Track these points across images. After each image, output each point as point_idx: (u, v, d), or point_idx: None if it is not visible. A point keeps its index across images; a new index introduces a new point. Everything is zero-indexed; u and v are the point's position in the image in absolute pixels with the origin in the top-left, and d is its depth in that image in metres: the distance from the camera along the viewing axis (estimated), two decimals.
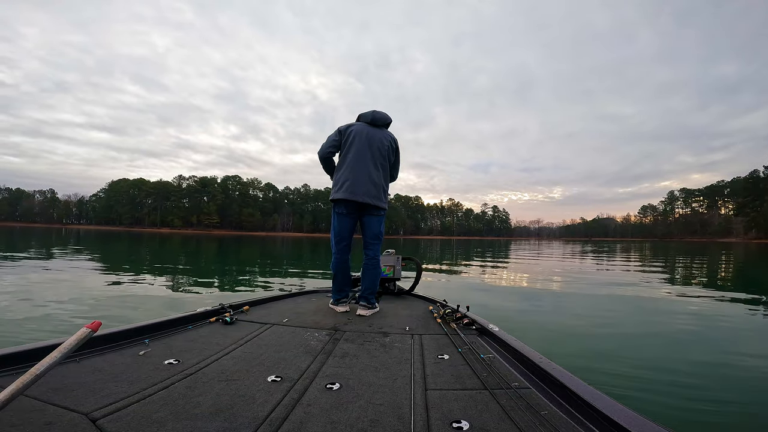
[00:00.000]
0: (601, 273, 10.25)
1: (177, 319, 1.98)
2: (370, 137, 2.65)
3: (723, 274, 10.75)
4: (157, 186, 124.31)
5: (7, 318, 3.62)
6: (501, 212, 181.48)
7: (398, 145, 2.82)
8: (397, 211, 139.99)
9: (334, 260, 2.71)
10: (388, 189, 2.79)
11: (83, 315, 3.89)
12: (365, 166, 2.59)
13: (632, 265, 12.99)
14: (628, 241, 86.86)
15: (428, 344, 1.87)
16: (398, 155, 2.83)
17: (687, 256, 19.25)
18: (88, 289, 5.40)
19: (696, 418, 2.03)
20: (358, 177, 2.58)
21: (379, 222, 2.72)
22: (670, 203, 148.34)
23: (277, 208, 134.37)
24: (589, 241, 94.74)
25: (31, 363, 1.07)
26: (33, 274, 6.89)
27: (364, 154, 2.61)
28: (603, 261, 15.43)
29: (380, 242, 2.74)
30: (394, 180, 2.89)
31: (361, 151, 2.62)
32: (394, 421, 1.08)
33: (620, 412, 0.99)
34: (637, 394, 2.31)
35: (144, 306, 4.45)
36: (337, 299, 2.70)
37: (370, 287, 2.59)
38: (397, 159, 2.83)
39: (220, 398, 1.19)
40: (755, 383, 2.53)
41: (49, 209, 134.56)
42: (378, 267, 2.70)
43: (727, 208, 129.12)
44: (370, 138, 2.65)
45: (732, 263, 15.13)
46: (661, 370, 2.73)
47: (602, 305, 5.31)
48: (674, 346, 3.38)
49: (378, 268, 2.69)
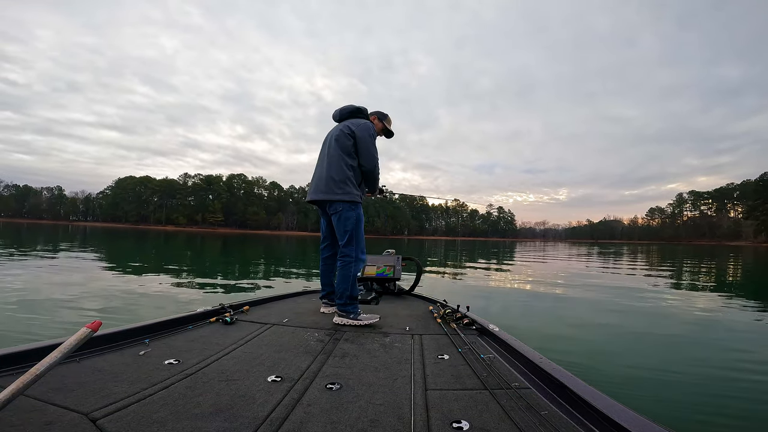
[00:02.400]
0: (605, 275, 10.15)
1: (177, 319, 1.99)
2: (330, 135, 2.62)
3: (731, 278, 10.60)
4: (163, 184, 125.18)
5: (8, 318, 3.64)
6: (506, 213, 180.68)
7: (361, 129, 2.51)
8: (401, 211, 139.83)
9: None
10: (359, 178, 2.53)
11: (83, 315, 3.91)
12: (321, 163, 2.58)
13: (638, 267, 12.85)
14: (635, 244, 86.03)
15: (428, 344, 1.86)
16: (360, 139, 2.50)
17: (695, 259, 19.01)
18: (91, 288, 5.44)
19: (696, 418, 2.02)
20: (316, 176, 2.59)
21: (345, 217, 2.44)
22: (678, 206, 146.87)
23: (281, 207, 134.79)
24: (595, 243, 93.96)
25: (31, 363, 1.07)
26: (38, 271, 6.97)
27: (322, 154, 2.61)
28: (609, 263, 15.28)
29: (354, 237, 2.43)
30: (369, 167, 2.52)
31: (321, 152, 2.65)
32: (394, 421, 1.08)
33: (620, 412, 0.99)
34: (638, 394, 2.30)
35: (144, 306, 4.47)
36: (320, 298, 2.74)
37: (340, 290, 2.34)
38: (358, 143, 2.50)
39: (220, 398, 1.19)
40: (757, 386, 2.50)
41: (56, 206, 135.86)
42: (348, 266, 2.39)
43: (736, 210, 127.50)
44: (329, 136, 2.62)
45: (741, 267, 14.90)
46: (663, 371, 2.71)
47: (605, 307, 5.25)
48: (677, 348, 3.35)
49: (348, 267, 2.38)
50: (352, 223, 2.43)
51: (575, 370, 1.31)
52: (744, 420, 2.04)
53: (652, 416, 0.96)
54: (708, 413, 2.07)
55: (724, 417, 2.05)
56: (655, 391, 2.33)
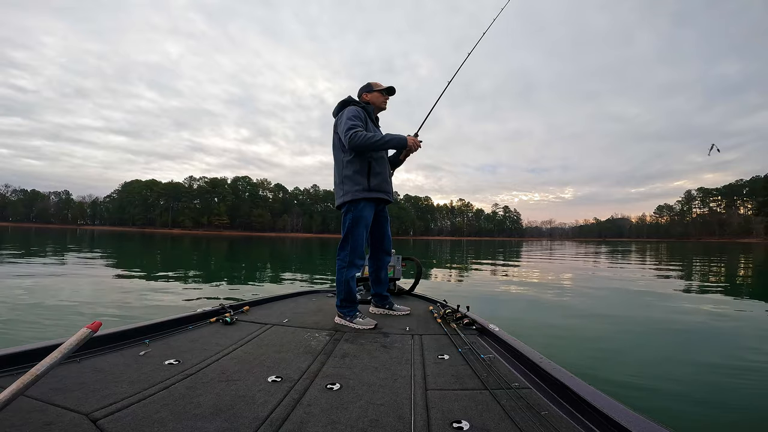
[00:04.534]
0: (613, 274, 10.04)
1: (177, 320, 1.99)
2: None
3: (742, 275, 10.42)
4: (169, 187, 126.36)
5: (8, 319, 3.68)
6: (512, 212, 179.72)
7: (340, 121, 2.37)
8: (406, 211, 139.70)
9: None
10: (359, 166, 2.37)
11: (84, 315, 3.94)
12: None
13: (648, 266, 12.70)
14: (644, 242, 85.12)
15: (428, 344, 1.85)
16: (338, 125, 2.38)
17: (705, 257, 18.74)
18: (92, 290, 5.49)
19: (697, 418, 1.99)
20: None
21: (344, 219, 2.38)
22: (687, 203, 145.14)
23: (286, 209, 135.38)
24: (603, 241, 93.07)
25: (31, 363, 1.07)
26: (47, 275, 7.05)
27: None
28: (617, 262, 15.12)
29: (348, 240, 2.34)
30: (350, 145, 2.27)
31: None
32: (394, 421, 1.08)
33: (620, 412, 0.99)
34: (638, 394, 2.27)
35: (144, 306, 4.49)
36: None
37: (337, 291, 2.33)
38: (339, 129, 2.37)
39: (220, 398, 1.18)
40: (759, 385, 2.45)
41: (63, 210, 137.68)
42: (340, 272, 2.34)
43: (746, 207, 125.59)
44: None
45: (752, 264, 14.65)
46: (664, 370, 2.68)
47: (607, 307, 5.20)
48: (681, 347, 3.31)
49: (340, 272, 2.34)
50: (347, 225, 2.36)
51: (575, 370, 1.30)
52: (744, 420, 2.01)
53: (653, 416, 0.95)
54: (708, 413, 2.04)
55: (724, 417, 2.01)
56: (656, 391, 2.30)
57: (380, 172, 2.44)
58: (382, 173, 2.45)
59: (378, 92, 2.60)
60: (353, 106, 2.43)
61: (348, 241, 2.35)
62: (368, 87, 2.62)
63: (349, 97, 2.55)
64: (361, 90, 2.64)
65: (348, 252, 2.34)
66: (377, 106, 2.61)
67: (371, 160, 2.40)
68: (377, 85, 2.62)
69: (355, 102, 2.53)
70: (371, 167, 2.39)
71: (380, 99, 2.61)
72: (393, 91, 2.65)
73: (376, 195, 2.39)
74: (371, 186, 2.37)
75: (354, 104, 2.49)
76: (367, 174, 2.37)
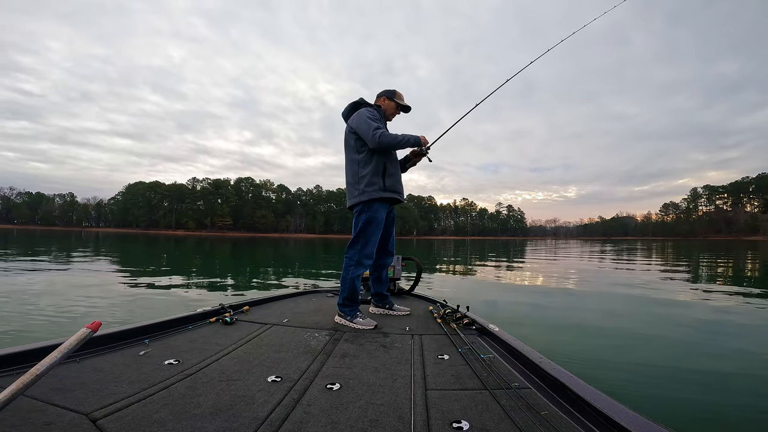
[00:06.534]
0: (618, 274, 9.96)
1: (177, 320, 2.00)
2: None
3: (749, 274, 10.31)
4: (172, 188, 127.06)
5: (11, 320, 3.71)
6: (516, 212, 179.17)
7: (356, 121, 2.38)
8: (409, 211, 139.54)
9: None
10: (375, 167, 2.37)
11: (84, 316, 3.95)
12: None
13: (654, 265, 12.60)
14: (650, 240, 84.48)
15: (428, 344, 1.85)
16: (357, 129, 2.37)
17: (712, 255, 18.56)
18: (94, 290, 5.52)
19: (697, 418, 1.97)
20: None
21: (358, 219, 2.38)
22: (693, 200, 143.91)
23: (289, 210, 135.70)
24: (608, 240, 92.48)
25: (31, 363, 1.07)
26: (53, 276, 7.10)
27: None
28: (621, 262, 15.01)
29: (360, 239, 2.36)
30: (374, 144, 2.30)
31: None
32: (394, 421, 1.08)
33: (620, 412, 0.98)
34: (638, 394, 2.25)
35: (144, 306, 4.51)
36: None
37: (340, 289, 2.35)
38: (359, 133, 2.37)
39: (220, 398, 1.19)
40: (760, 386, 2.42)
41: (68, 212, 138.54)
42: (347, 269, 2.35)
43: (752, 205, 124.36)
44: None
45: (759, 262, 14.49)
46: (666, 370, 2.65)
47: (609, 306, 5.16)
48: (683, 346, 3.27)
49: (346, 270, 2.34)
50: (361, 225, 2.36)
51: (575, 370, 1.30)
52: (745, 420, 1.98)
53: (653, 416, 0.95)
54: (709, 413, 2.02)
55: (724, 417, 1.99)
56: (656, 391, 2.28)
57: (394, 173, 2.47)
58: (395, 174, 2.48)
59: (396, 104, 2.63)
60: (368, 108, 2.46)
61: (359, 241, 2.37)
62: (392, 93, 2.63)
63: (361, 99, 2.58)
64: (384, 93, 2.64)
65: (357, 251, 2.36)
66: (387, 114, 2.63)
67: (386, 161, 2.43)
68: (400, 97, 2.65)
69: (367, 104, 2.56)
70: (386, 168, 2.40)
71: (393, 110, 2.64)
72: (408, 110, 2.70)
73: (390, 195, 2.42)
74: (386, 186, 2.39)
75: (366, 106, 2.52)
76: (382, 174, 2.39)
